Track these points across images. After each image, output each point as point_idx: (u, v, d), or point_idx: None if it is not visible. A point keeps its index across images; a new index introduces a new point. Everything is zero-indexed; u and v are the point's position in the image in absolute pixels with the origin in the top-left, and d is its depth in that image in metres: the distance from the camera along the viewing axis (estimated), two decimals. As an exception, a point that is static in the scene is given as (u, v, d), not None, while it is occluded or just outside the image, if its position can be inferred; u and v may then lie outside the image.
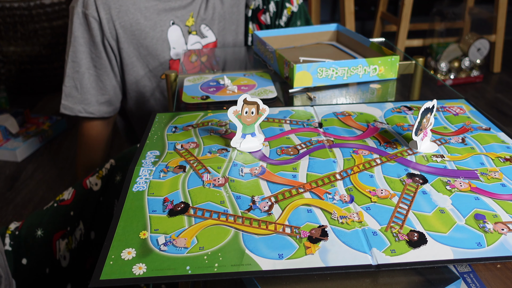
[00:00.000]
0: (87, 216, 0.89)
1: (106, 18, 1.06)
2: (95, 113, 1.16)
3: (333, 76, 0.84)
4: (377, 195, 0.53)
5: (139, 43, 1.10)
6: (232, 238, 0.46)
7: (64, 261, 0.86)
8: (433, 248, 0.45)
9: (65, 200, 0.87)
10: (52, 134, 1.91)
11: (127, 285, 0.41)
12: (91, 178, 0.90)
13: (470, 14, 2.50)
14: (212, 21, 1.17)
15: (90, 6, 1.05)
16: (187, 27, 1.13)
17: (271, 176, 0.57)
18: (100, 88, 1.14)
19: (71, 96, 1.14)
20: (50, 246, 0.83)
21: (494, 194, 0.53)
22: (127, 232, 0.47)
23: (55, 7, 2.15)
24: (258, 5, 1.21)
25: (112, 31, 1.07)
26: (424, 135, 0.62)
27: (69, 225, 0.86)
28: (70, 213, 0.86)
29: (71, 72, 1.12)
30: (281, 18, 1.20)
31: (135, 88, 1.17)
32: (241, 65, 1.07)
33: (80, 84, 1.12)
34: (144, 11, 1.09)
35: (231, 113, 0.61)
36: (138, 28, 1.08)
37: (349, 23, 2.23)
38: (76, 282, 0.88)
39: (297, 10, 1.21)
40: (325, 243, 0.45)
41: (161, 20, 1.11)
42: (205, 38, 1.18)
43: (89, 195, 0.89)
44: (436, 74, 2.32)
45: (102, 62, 1.11)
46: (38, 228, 0.83)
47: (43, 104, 2.23)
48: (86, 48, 1.10)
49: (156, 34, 1.10)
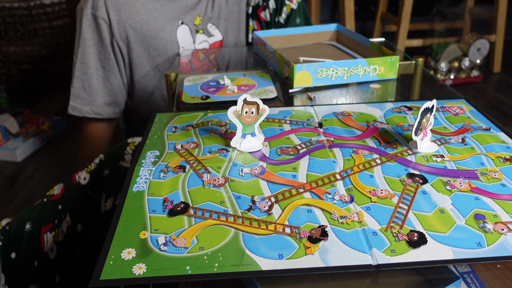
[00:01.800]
0: (74, 209, 0.90)
1: (116, 19, 1.06)
2: (103, 114, 1.16)
3: (333, 76, 0.84)
4: (377, 195, 0.53)
5: (149, 44, 1.11)
6: (232, 238, 0.46)
7: (52, 253, 0.86)
8: (433, 248, 0.45)
9: (55, 195, 0.88)
10: (52, 134, 1.91)
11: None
12: (80, 172, 0.91)
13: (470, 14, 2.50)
14: (218, 20, 1.18)
15: (100, 8, 1.05)
16: (195, 26, 1.14)
17: (271, 176, 0.57)
18: (108, 90, 1.15)
19: (80, 97, 1.14)
20: (38, 239, 0.84)
21: (494, 194, 0.53)
22: (127, 232, 0.47)
23: (55, 7, 2.15)
24: (258, 2, 1.21)
25: (122, 33, 1.08)
26: (424, 135, 0.62)
27: (56, 218, 0.87)
28: (58, 207, 0.87)
29: (80, 73, 1.12)
30: (281, 15, 1.21)
31: (143, 88, 1.18)
32: (242, 65, 1.07)
33: (89, 85, 1.13)
34: (153, 11, 1.09)
35: (231, 113, 0.61)
36: (148, 29, 1.09)
37: (349, 23, 2.23)
38: (64, 274, 0.89)
39: (296, 8, 1.22)
40: (325, 243, 0.45)
41: (170, 20, 1.11)
42: (212, 37, 1.18)
43: (77, 189, 0.90)
44: (436, 74, 2.32)
45: (110, 63, 1.12)
46: (27, 222, 0.83)
47: (43, 104, 2.23)
48: (95, 49, 1.10)
49: (165, 34, 1.11)
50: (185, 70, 1.00)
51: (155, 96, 1.20)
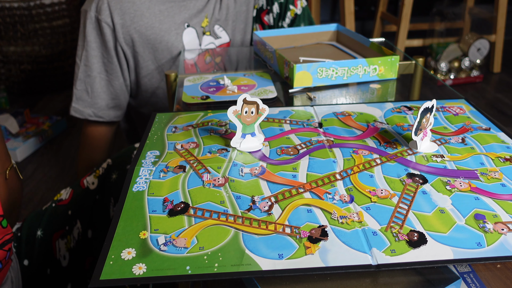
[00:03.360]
0: (84, 214, 0.89)
1: (120, 23, 1.06)
2: (105, 117, 1.16)
3: (333, 76, 0.84)
4: (377, 195, 0.53)
5: (154, 47, 1.10)
6: (232, 238, 0.46)
7: (64, 260, 0.86)
8: (433, 248, 0.45)
9: (63, 200, 0.87)
10: (52, 134, 1.91)
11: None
12: (88, 177, 0.90)
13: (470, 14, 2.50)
14: (226, 22, 1.17)
15: (104, 11, 1.05)
16: (202, 28, 1.14)
17: (271, 176, 0.57)
18: (110, 93, 1.15)
19: (82, 99, 1.14)
20: (50, 246, 0.83)
21: (494, 194, 0.53)
22: (127, 232, 0.47)
23: (55, 7, 2.15)
24: (262, 5, 1.21)
25: (127, 36, 1.08)
26: (424, 135, 0.62)
27: (67, 225, 0.86)
28: (68, 212, 0.86)
29: (83, 76, 1.12)
30: (284, 20, 1.20)
31: (148, 89, 1.18)
32: (242, 65, 1.07)
33: (91, 88, 1.13)
34: (158, 14, 1.09)
35: (231, 113, 0.61)
36: (152, 32, 1.09)
37: (349, 23, 2.23)
38: (76, 282, 0.88)
39: (300, 13, 1.21)
40: (325, 243, 0.45)
41: (176, 24, 1.10)
42: (219, 39, 1.18)
43: (86, 194, 0.89)
44: (436, 74, 2.32)
45: (113, 67, 1.12)
46: (38, 229, 0.83)
47: (43, 104, 2.23)
48: (99, 52, 1.10)
49: (171, 37, 1.10)
50: (189, 71, 0.99)
51: (157, 94, 1.20)
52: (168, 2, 1.10)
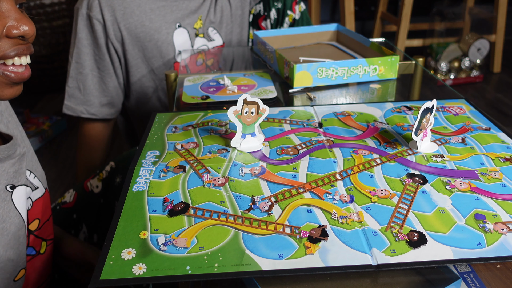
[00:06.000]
0: (90, 218, 0.89)
1: (110, 20, 1.06)
2: (98, 114, 1.16)
3: (333, 76, 0.84)
4: (377, 195, 0.53)
5: (143, 45, 1.10)
6: (232, 238, 0.46)
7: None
8: (433, 248, 0.45)
9: (68, 202, 0.87)
10: (52, 134, 1.91)
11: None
12: (92, 180, 0.90)
13: (470, 14, 2.50)
14: (220, 24, 1.17)
15: (94, 8, 1.05)
16: (194, 29, 1.13)
17: (271, 176, 0.57)
18: (103, 90, 1.15)
19: (74, 97, 1.14)
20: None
21: (494, 194, 0.53)
22: (127, 232, 0.47)
23: (55, 7, 2.15)
24: (259, 10, 1.21)
25: (117, 33, 1.08)
26: (424, 135, 0.62)
27: (73, 228, 0.86)
28: (73, 216, 0.86)
29: (75, 73, 1.12)
30: (282, 25, 1.20)
31: (138, 89, 1.18)
32: (242, 65, 1.07)
33: (83, 85, 1.13)
34: (149, 13, 1.09)
35: (231, 113, 0.61)
36: (142, 30, 1.08)
37: (349, 23, 2.23)
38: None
39: (299, 18, 1.21)
40: (325, 243, 0.45)
41: (167, 23, 1.10)
42: (212, 41, 1.17)
43: (91, 197, 0.89)
44: (436, 74, 2.32)
45: (105, 64, 1.12)
46: None
47: (43, 104, 2.23)
48: (90, 49, 1.10)
49: (161, 36, 1.10)
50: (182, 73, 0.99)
51: (152, 100, 1.20)
52: (159, 1, 1.09)
